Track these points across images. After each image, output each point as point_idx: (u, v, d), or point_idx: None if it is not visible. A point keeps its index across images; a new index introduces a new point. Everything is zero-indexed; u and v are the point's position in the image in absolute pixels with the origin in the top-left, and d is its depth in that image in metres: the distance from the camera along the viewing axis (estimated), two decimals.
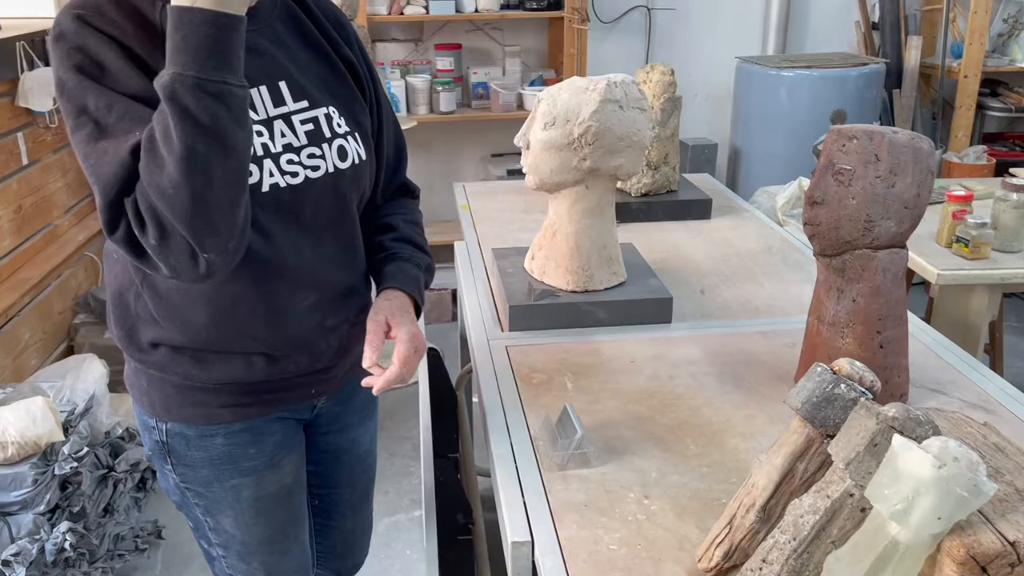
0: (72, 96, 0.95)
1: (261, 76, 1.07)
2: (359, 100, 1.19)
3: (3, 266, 2.63)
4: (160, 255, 0.93)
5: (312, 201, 1.11)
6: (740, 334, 1.51)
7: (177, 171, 0.87)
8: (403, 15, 3.51)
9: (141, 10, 1.00)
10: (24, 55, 2.71)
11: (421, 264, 1.26)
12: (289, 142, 1.08)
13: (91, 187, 0.96)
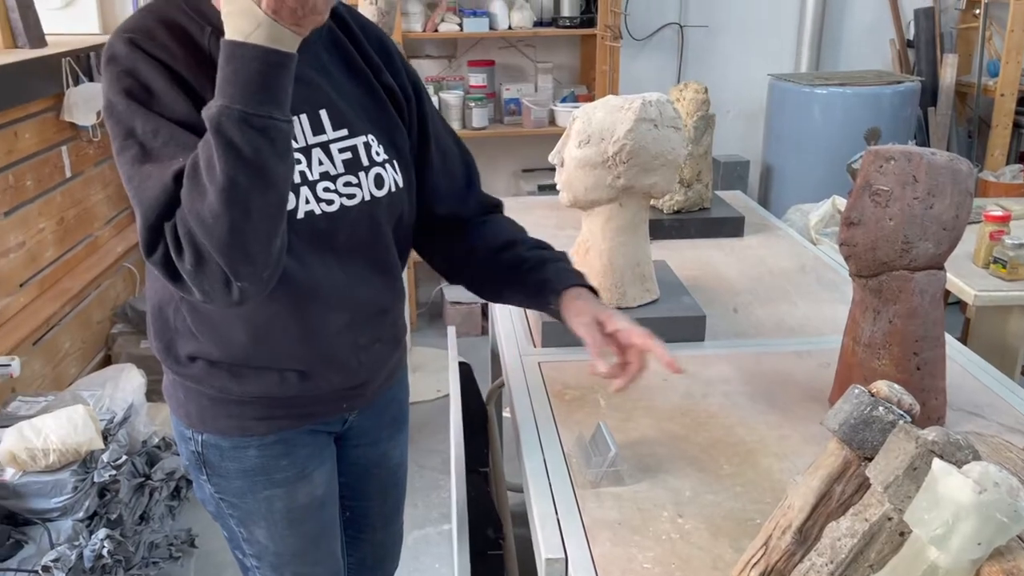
0: (120, 119, 0.98)
1: (302, 104, 1.08)
2: (399, 127, 1.20)
3: (46, 276, 2.69)
4: (195, 280, 0.95)
5: (347, 228, 1.12)
6: (774, 353, 1.51)
7: (217, 201, 0.89)
8: (437, 32, 3.55)
9: (191, 34, 1.02)
10: (70, 71, 2.78)
11: (566, 260, 1.27)
12: (326, 170, 1.10)
13: (133, 208, 0.98)
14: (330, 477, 1.31)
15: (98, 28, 3.48)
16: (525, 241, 1.29)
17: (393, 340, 1.29)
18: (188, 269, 0.93)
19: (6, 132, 2.47)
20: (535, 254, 1.26)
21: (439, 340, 3.74)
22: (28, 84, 2.58)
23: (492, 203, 1.36)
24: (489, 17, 3.57)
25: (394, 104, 1.20)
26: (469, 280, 1.32)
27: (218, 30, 1.01)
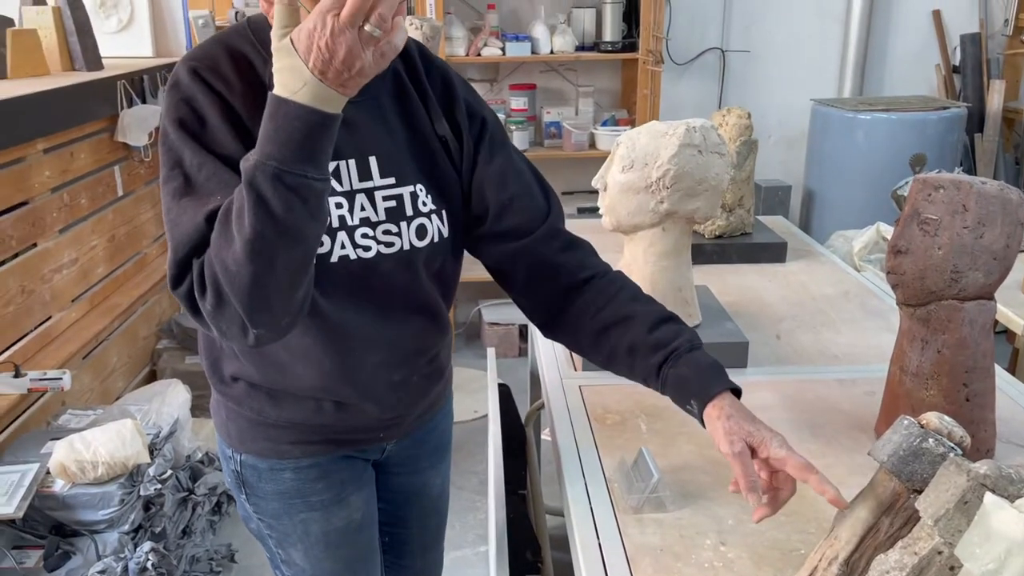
0: (171, 147, 1.00)
1: (352, 149, 1.08)
2: (452, 177, 1.18)
3: (96, 292, 2.76)
4: (213, 320, 0.95)
5: (382, 275, 1.11)
6: (817, 381, 1.49)
7: (242, 251, 0.89)
8: (480, 56, 3.59)
9: (255, 67, 1.04)
10: (124, 93, 2.86)
11: (696, 341, 1.13)
12: (367, 216, 1.09)
13: (167, 237, 0.99)
14: (368, 502, 1.31)
15: (151, 51, 3.58)
16: (638, 316, 1.14)
17: (432, 375, 1.29)
18: (208, 309, 0.94)
19: (63, 152, 2.55)
20: (662, 338, 1.12)
21: (477, 361, 3.75)
22: (85, 106, 2.66)
23: (577, 242, 1.24)
24: (531, 42, 3.61)
25: (448, 155, 1.18)
26: (577, 347, 1.24)
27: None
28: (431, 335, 1.23)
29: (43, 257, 2.43)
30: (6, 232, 2.24)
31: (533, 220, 1.20)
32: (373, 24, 0.84)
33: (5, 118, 2.19)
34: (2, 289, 2.21)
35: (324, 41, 0.85)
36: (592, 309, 1.17)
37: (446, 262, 1.20)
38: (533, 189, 1.23)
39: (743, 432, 1.02)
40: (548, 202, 1.24)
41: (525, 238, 1.19)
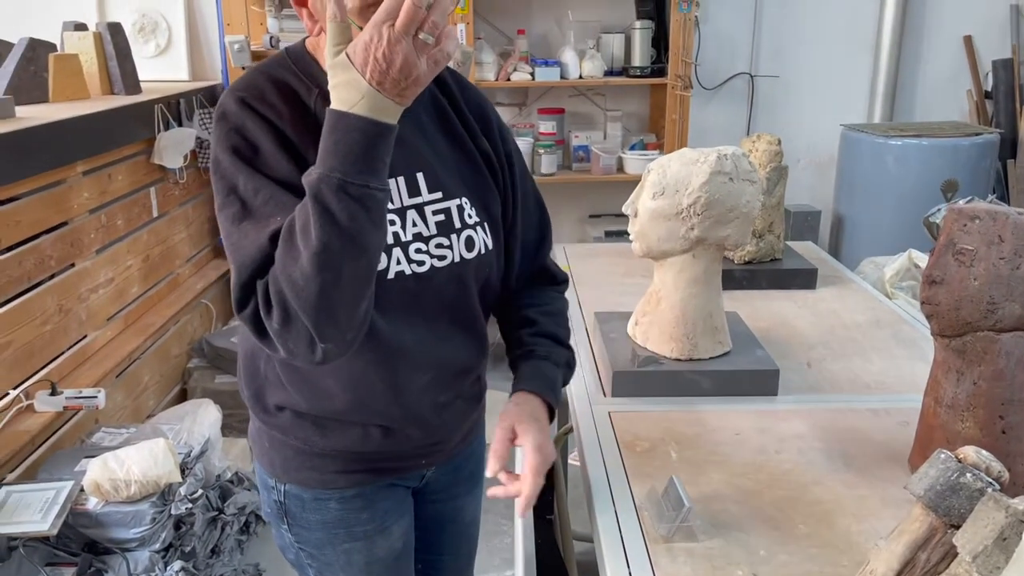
0: (224, 175, 1.02)
1: (400, 167, 1.11)
2: (492, 190, 1.22)
3: (131, 311, 2.80)
4: (280, 338, 0.97)
5: (435, 288, 1.14)
6: (849, 410, 1.48)
7: (310, 264, 0.91)
8: (509, 81, 3.63)
9: (299, 95, 1.07)
10: (161, 116, 2.92)
11: (559, 361, 1.24)
12: (419, 231, 1.11)
13: (229, 263, 1.01)
14: (408, 531, 1.32)
15: (187, 75, 3.66)
16: (537, 324, 1.27)
17: (474, 398, 1.30)
18: (275, 328, 0.96)
19: (101, 175, 2.60)
20: (533, 342, 1.25)
21: (504, 383, 3.74)
22: (123, 129, 2.72)
23: (552, 275, 1.36)
24: (560, 67, 3.63)
25: (489, 168, 1.21)
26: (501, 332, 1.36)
27: (324, 91, 1.05)
28: (475, 355, 1.25)
29: (80, 277, 2.48)
30: (46, 252, 2.28)
31: (525, 254, 1.30)
32: (427, 32, 0.88)
33: (48, 141, 2.24)
34: (40, 308, 2.25)
35: (381, 52, 0.88)
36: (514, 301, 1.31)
37: (490, 275, 1.23)
38: (532, 222, 1.31)
39: (516, 419, 1.15)
40: (542, 235, 1.34)
41: (514, 268, 1.29)
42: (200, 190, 3.41)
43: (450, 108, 1.20)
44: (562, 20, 3.76)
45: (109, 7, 3.60)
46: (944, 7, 3.89)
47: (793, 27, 3.90)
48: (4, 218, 2.10)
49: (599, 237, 3.88)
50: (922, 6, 3.88)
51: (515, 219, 1.27)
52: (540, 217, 1.33)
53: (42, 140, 2.22)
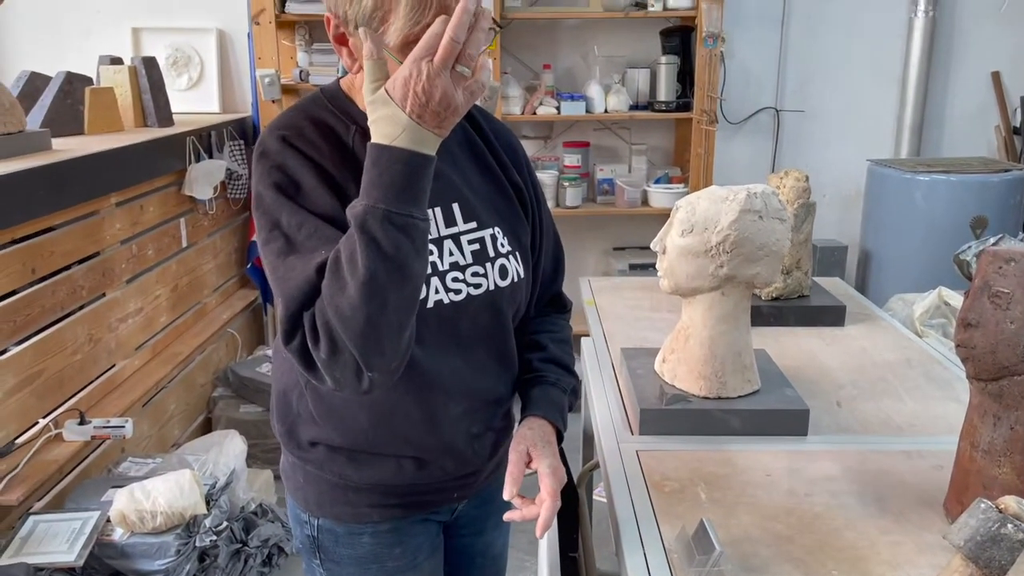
0: (267, 211, 1.04)
1: (436, 198, 1.13)
2: (522, 221, 1.25)
3: (158, 341, 2.83)
4: (328, 369, 0.98)
5: (471, 316, 1.16)
6: (881, 452, 1.46)
7: (357, 294, 0.93)
8: (535, 115, 3.65)
9: (337, 133, 1.09)
10: (192, 148, 2.97)
11: (566, 387, 1.27)
12: (456, 260, 1.14)
13: (275, 297, 1.03)
14: (437, 566, 1.32)
15: (218, 107, 3.73)
16: (546, 350, 1.30)
17: (504, 430, 1.31)
18: (323, 358, 0.97)
19: (133, 206, 2.65)
20: (542, 368, 1.28)
21: None
22: (156, 161, 2.77)
23: (562, 302, 1.40)
24: (586, 101, 3.66)
25: (519, 199, 1.25)
26: None
27: (362, 129, 1.09)
28: (506, 386, 1.27)
29: (110, 306, 2.51)
30: (78, 282, 2.32)
31: (540, 280, 1.33)
32: (463, 64, 0.92)
33: (83, 174, 2.29)
34: (72, 337, 2.28)
35: (420, 86, 0.91)
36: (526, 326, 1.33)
37: (521, 305, 1.25)
38: (548, 255, 1.35)
39: (530, 443, 1.16)
40: (557, 267, 1.37)
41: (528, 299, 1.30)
42: (228, 220, 3.46)
43: (480, 141, 1.24)
44: (588, 55, 3.79)
45: (144, 41, 3.68)
46: (971, 42, 3.88)
47: (818, 62, 3.91)
48: (40, 248, 2.14)
49: (623, 270, 3.88)
50: (949, 41, 3.87)
51: (540, 248, 1.30)
52: (555, 247, 1.37)
53: (78, 172, 2.26)
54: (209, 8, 3.70)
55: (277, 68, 3.54)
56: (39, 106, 2.63)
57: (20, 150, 2.21)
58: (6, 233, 2.01)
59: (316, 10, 3.50)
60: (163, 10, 3.68)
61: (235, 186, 3.38)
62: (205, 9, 3.70)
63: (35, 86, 2.71)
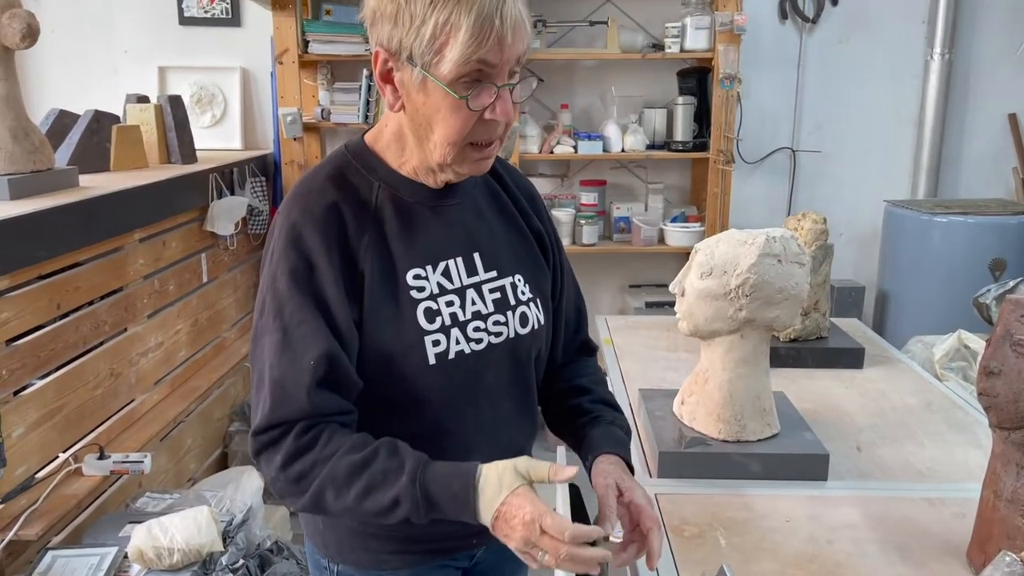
0: (278, 294, 1.07)
1: (459, 248, 1.16)
2: (543, 268, 1.27)
3: (177, 375, 2.85)
4: (269, 477, 1.07)
5: (493, 365, 1.17)
6: (903, 499, 1.45)
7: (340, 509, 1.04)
8: (552, 154, 3.69)
9: (359, 192, 1.12)
10: (215, 185, 3.01)
11: (623, 427, 1.29)
12: (478, 310, 1.16)
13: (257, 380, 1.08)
14: None
15: (240, 144, 3.79)
16: (593, 392, 1.31)
17: None
18: (272, 474, 1.06)
19: (156, 241, 2.68)
20: (596, 409, 1.28)
21: (541, 454, 3.71)
22: (179, 197, 2.81)
23: (589, 346, 1.41)
24: (603, 140, 3.69)
25: (540, 246, 1.27)
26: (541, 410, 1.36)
27: (386, 185, 1.12)
28: (527, 433, 1.28)
29: (132, 341, 2.53)
30: (101, 317, 2.34)
31: (565, 330, 1.35)
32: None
33: (109, 210, 2.33)
34: (93, 372, 2.30)
35: (518, 542, 0.99)
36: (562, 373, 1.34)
37: (541, 352, 1.26)
38: (570, 301, 1.36)
39: (616, 476, 1.14)
40: (578, 315, 1.38)
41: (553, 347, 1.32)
42: (248, 255, 3.49)
43: (502, 191, 1.26)
44: (605, 95, 3.83)
45: (170, 80, 3.76)
46: (988, 85, 3.90)
47: (835, 103, 3.93)
48: (66, 284, 2.17)
49: (639, 308, 3.88)
50: (965, 83, 3.89)
51: (562, 296, 1.32)
52: (576, 296, 1.38)
53: (104, 209, 2.30)
54: (234, 48, 3.77)
55: (299, 106, 3.60)
56: (67, 143, 2.68)
57: (49, 187, 2.25)
58: (33, 269, 2.04)
59: (337, 51, 3.56)
60: (189, 50, 3.76)
61: (255, 222, 3.42)
62: (230, 49, 3.77)
63: (63, 123, 2.77)
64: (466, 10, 0.98)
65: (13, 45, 2.12)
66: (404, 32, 1.01)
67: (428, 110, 1.05)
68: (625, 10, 3.79)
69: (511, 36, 1.01)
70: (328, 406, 1.06)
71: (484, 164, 1.13)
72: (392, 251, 1.12)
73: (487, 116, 1.05)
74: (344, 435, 1.05)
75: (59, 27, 3.63)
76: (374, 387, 1.12)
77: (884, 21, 3.86)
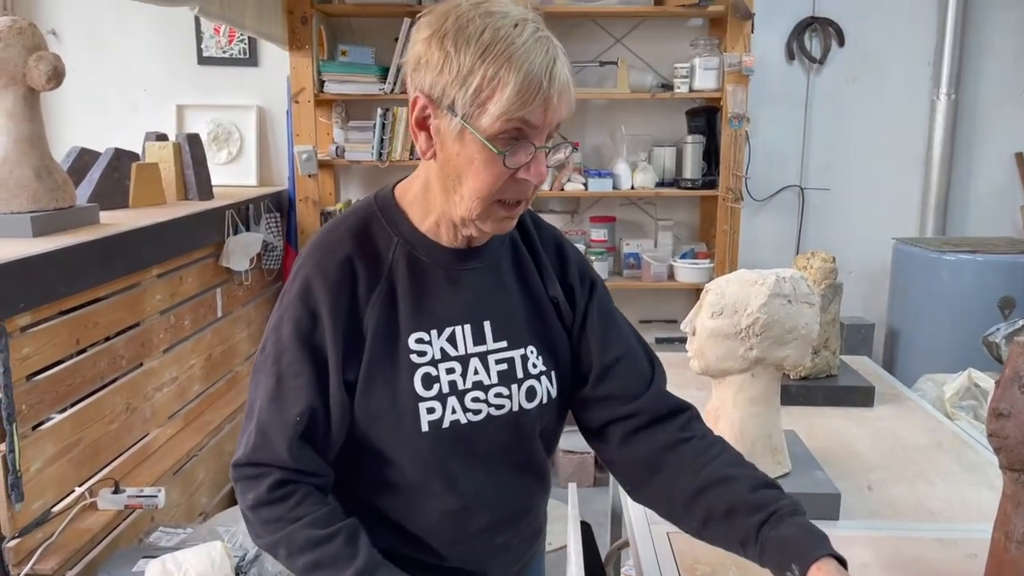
0: (279, 340, 1.08)
1: (469, 315, 1.14)
2: (563, 338, 1.22)
3: (191, 409, 2.87)
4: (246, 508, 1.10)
5: (489, 435, 1.14)
6: (915, 539, 1.45)
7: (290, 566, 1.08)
8: (563, 191, 3.73)
9: (378, 246, 1.12)
10: (231, 221, 3.06)
11: (799, 507, 1.12)
12: (480, 380, 1.13)
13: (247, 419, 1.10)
14: None
15: (255, 181, 3.85)
16: (748, 479, 1.13)
17: (531, 536, 1.29)
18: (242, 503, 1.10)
19: (173, 277, 2.72)
20: (763, 498, 1.11)
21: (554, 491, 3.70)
22: (196, 234, 2.86)
23: (682, 406, 1.25)
24: (613, 178, 3.74)
25: (559, 314, 1.22)
26: (669, 507, 1.20)
27: (405, 241, 1.12)
28: (536, 494, 1.25)
29: (148, 376, 2.56)
30: (118, 352, 2.38)
31: (636, 384, 1.23)
32: None
33: (128, 247, 2.37)
34: (110, 407, 2.33)
35: None
36: (689, 469, 1.16)
37: (550, 422, 1.22)
38: (637, 353, 1.27)
39: None
40: (652, 367, 1.27)
41: (630, 403, 1.21)
42: (262, 290, 3.53)
43: (528, 253, 1.22)
44: (615, 133, 3.89)
45: (187, 117, 3.83)
46: (994, 124, 3.94)
47: (842, 141, 3.98)
48: (85, 320, 2.21)
49: (649, 343, 3.89)
50: (972, 122, 3.93)
51: (586, 338, 1.23)
52: (642, 346, 1.28)
53: (123, 246, 2.34)
54: (251, 87, 3.85)
55: (314, 144, 3.66)
56: (88, 180, 2.73)
57: (71, 224, 2.30)
58: (54, 305, 2.08)
59: (352, 90, 3.63)
60: (207, 88, 3.84)
61: (270, 257, 3.46)
62: (247, 88, 3.85)
63: (84, 161, 2.83)
64: (516, 67, 0.97)
65: (39, 87, 2.18)
66: (449, 81, 1.00)
67: (461, 161, 1.03)
68: (635, 51, 3.86)
69: (557, 99, 1.00)
70: (306, 462, 1.07)
71: (508, 224, 1.10)
72: (399, 312, 1.10)
73: (520, 175, 1.03)
74: (315, 502, 1.07)
75: (80, 66, 3.71)
76: (365, 444, 1.12)
77: (890, 62, 3.91)
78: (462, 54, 0.99)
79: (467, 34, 0.99)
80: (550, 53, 1.01)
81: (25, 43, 2.16)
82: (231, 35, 3.79)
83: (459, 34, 0.99)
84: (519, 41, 0.99)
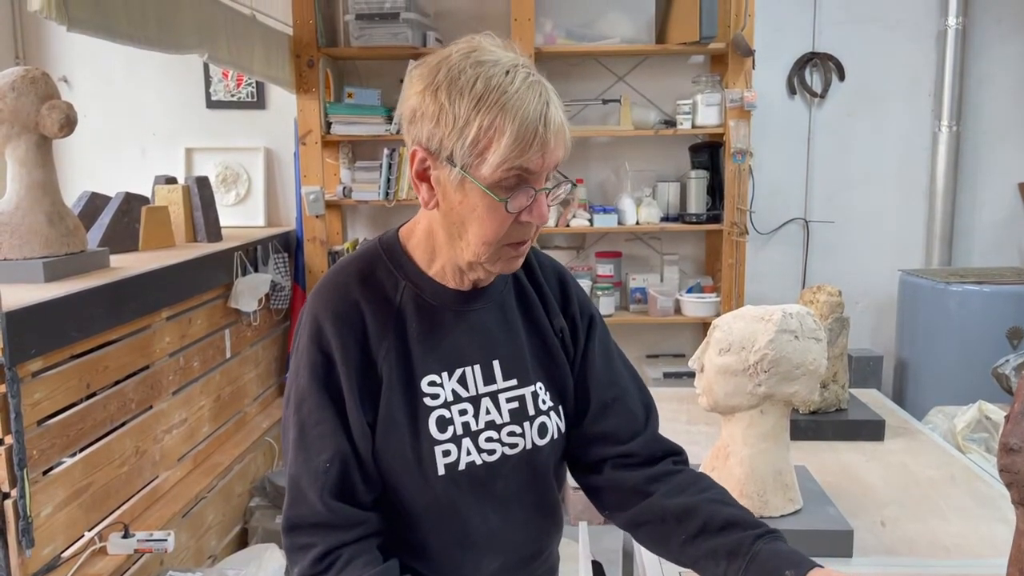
0: (299, 387, 1.09)
1: (478, 355, 1.15)
2: (567, 373, 1.23)
3: (200, 451, 2.87)
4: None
5: (505, 475, 1.15)
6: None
7: None
8: (568, 227, 3.75)
9: (385, 290, 1.13)
10: (239, 263, 3.08)
11: (782, 537, 1.14)
12: (492, 419, 1.14)
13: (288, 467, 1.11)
14: None
15: (263, 222, 3.88)
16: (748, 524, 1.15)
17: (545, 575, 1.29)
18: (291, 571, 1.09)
19: (182, 319, 2.74)
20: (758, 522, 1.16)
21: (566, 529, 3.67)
22: (205, 276, 2.88)
23: (675, 449, 1.28)
24: (618, 213, 3.76)
25: (564, 347, 1.23)
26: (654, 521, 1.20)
27: (412, 284, 1.13)
28: (549, 535, 1.25)
29: (157, 418, 2.56)
30: (128, 395, 2.38)
31: (632, 423, 1.25)
32: None
33: (139, 291, 2.39)
34: (119, 450, 2.33)
35: None
36: (684, 491, 1.18)
37: (559, 458, 1.23)
38: (633, 393, 1.28)
39: None
40: (647, 410, 1.29)
41: (626, 443, 1.22)
42: (270, 330, 3.55)
43: (533, 290, 1.23)
44: (619, 170, 3.92)
45: (196, 160, 3.88)
46: (996, 155, 3.96)
47: (845, 174, 4.00)
48: (96, 364, 2.22)
49: (657, 378, 3.89)
50: (975, 154, 3.96)
51: (584, 374, 1.24)
52: (638, 386, 1.29)
53: (134, 290, 2.36)
54: (258, 129, 3.90)
55: (321, 184, 3.69)
56: (98, 225, 2.76)
57: (82, 269, 2.32)
58: (66, 350, 2.09)
59: (359, 131, 3.68)
60: (215, 131, 3.89)
61: (278, 297, 3.48)
62: (254, 130, 3.90)
63: (95, 205, 2.86)
64: (511, 115, 0.98)
65: (52, 135, 2.22)
66: (445, 133, 1.01)
67: (464, 210, 1.04)
68: (637, 88, 3.90)
69: (553, 142, 1.02)
70: (339, 511, 1.07)
71: (515, 263, 1.12)
72: (411, 355, 1.11)
73: (523, 218, 1.05)
74: (357, 568, 1.05)
75: (91, 112, 3.77)
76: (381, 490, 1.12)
77: (891, 95, 3.95)
78: (456, 106, 1.00)
79: (460, 85, 1.00)
80: (543, 97, 1.02)
81: (38, 92, 2.20)
82: (239, 79, 3.85)
83: (452, 86, 1.00)
84: (511, 89, 1.00)
